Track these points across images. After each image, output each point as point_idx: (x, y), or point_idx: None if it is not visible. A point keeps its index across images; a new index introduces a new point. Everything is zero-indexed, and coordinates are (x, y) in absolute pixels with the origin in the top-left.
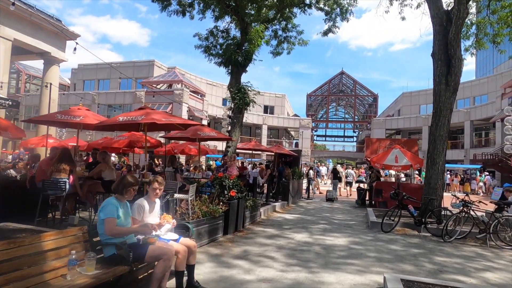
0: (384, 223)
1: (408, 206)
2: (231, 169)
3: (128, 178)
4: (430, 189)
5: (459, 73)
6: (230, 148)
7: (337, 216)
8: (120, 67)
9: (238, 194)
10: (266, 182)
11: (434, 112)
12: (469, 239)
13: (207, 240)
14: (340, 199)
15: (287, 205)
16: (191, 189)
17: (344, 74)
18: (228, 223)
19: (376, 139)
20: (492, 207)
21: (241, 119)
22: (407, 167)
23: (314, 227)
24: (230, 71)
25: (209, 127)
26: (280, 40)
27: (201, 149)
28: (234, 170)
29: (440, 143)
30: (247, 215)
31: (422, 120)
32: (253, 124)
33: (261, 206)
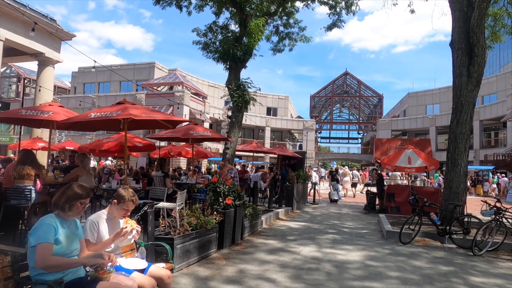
0: (402, 233)
1: (430, 214)
2: (224, 176)
3: (75, 187)
4: (452, 193)
5: (482, 63)
6: (229, 150)
7: (347, 224)
8: (121, 69)
9: (235, 202)
10: (268, 186)
11: (454, 108)
12: (502, 252)
13: (197, 258)
14: (348, 203)
15: (291, 211)
16: (179, 197)
17: (348, 74)
18: (223, 235)
19: (386, 139)
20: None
21: (241, 118)
22: (422, 169)
23: (323, 237)
24: (229, 67)
25: (203, 126)
26: (281, 37)
27: (200, 151)
28: (228, 177)
29: (461, 142)
30: (246, 225)
31: (428, 121)
32: (256, 126)
33: (263, 213)
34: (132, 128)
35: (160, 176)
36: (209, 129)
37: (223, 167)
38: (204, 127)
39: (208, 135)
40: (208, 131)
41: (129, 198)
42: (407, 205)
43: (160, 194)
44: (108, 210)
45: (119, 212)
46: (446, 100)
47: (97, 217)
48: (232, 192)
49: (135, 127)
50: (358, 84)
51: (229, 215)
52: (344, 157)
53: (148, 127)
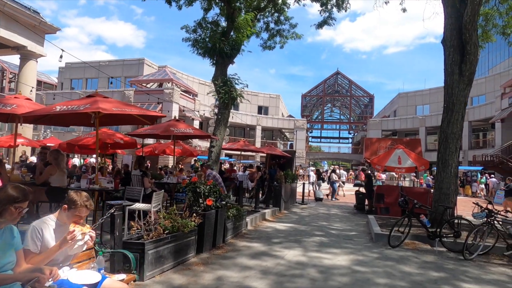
0: (391, 236)
1: (420, 216)
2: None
3: (9, 189)
4: (442, 194)
5: (475, 61)
6: (214, 148)
7: (335, 225)
8: (109, 65)
9: (217, 203)
10: (255, 186)
11: (445, 107)
12: (493, 255)
13: (172, 263)
14: (337, 203)
15: (279, 211)
16: (155, 198)
17: (339, 74)
18: (203, 238)
19: (376, 138)
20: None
21: (227, 115)
22: (412, 169)
23: (309, 240)
24: (215, 62)
25: (185, 123)
26: (272, 33)
27: (186, 149)
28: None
29: (452, 142)
30: (229, 227)
31: (418, 121)
32: (246, 125)
33: (248, 214)
34: (106, 123)
35: (138, 175)
36: (191, 126)
37: (200, 177)
38: (186, 124)
39: (190, 132)
40: (191, 128)
41: (82, 203)
42: (396, 205)
43: (137, 194)
44: (57, 216)
45: (70, 220)
46: (436, 101)
47: (42, 223)
48: (213, 193)
49: (108, 122)
50: (349, 84)
51: (209, 217)
52: (334, 157)
53: (123, 122)
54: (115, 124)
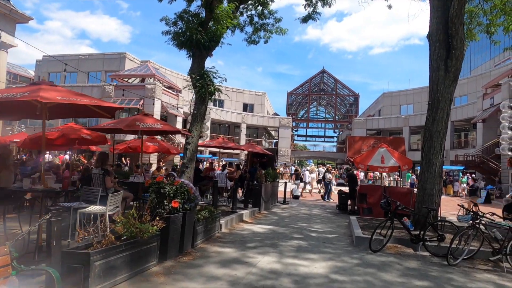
0: (373, 239)
1: (403, 219)
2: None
3: None
4: (426, 195)
5: (461, 57)
6: (190, 145)
7: (315, 227)
8: (89, 59)
9: (185, 205)
10: (233, 185)
11: (430, 104)
12: (477, 260)
13: (127, 275)
14: (320, 203)
15: (258, 212)
16: (110, 199)
17: (325, 72)
18: (167, 244)
19: (359, 137)
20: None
21: (204, 110)
22: (395, 168)
23: (286, 244)
24: (192, 54)
25: (153, 118)
26: (256, 27)
27: (162, 146)
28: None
29: (437, 140)
30: (200, 231)
31: (402, 120)
32: (231, 122)
33: (224, 215)
34: (57, 115)
35: (99, 174)
36: (160, 121)
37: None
38: (154, 119)
39: (158, 127)
40: (159, 123)
41: None
42: (379, 206)
43: (94, 195)
44: None
45: None
46: (420, 101)
47: None
48: (180, 194)
49: (59, 114)
50: (335, 83)
51: (175, 220)
52: (319, 156)
53: (78, 115)
54: (67, 116)
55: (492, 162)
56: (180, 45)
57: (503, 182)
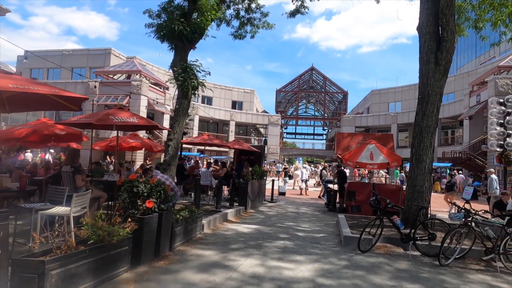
0: (362, 239)
1: (393, 218)
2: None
3: None
4: (415, 192)
5: (451, 49)
6: (172, 142)
7: (303, 226)
8: (73, 55)
9: (162, 205)
10: (218, 184)
11: (420, 98)
12: (469, 260)
13: (92, 283)
14: (307, 201)
15: (244, 211)
16: (75, 199)
17: (314, 70)
18: (141, 248)
19: (347, 133)
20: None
21: (187, 105)
22: (384, 165)
23: (272, 245)
24: (174, 47)
25: (129, 112)
26: (242, 22)
27: (144, 143)
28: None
29: (427, 136)
30: (179, 232)
31: (391, 118)
32: (220, 120)
33: (208, 214)
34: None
35: (68, 172)
36: (137, 115)
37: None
38: (130, 113)
39: (134, 121)
40: (135, 117)
41: None
42: (368, 203)
43: (59, 195)
44: None
45: None
46: (407, 98)
47: None
48: (156, 193)
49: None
50: (324, 80)
51: (149, 222)
52: (309, 153)
53: (41, 107)
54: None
55: (479, 159)
56: (162, 38)
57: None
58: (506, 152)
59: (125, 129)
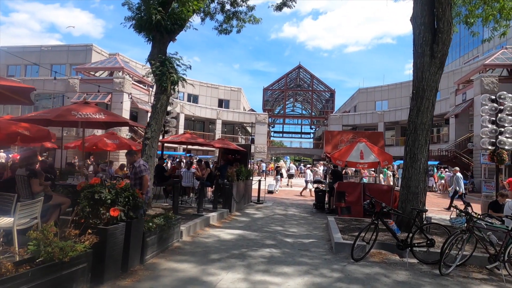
0: (355, 247)
1: (389, 222)
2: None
3: None
4: (410, 194)
5: (447, 41)
6: (149, 141)
7: (291, 230)
8: (52, 51)
9: (130, 212)
10: (200, 185)
11: (414, 93)
12: (471, 267)
13: None
14: (296, 201)
15: (228, 214)
16: (20, 209)
17: (301, 68)
18: (103, 264)
19: (337, 131)
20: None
21: (165, 101)
22: (375, 164)
23: (257, 254)
24: (152, 38)
25: (96, 107)
26: (228, 15)
27: (122, 143)
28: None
29: (422, 133)
30: (151, 242)
31: (378, 116)
32: (206, 118)
33: (189, 219)
34: None
35: (22, 176)
36: (104, 110)
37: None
38: (97, 108)
39: (101, 117)
40: (102, 112)
41: None
42: (358, 205)
43: (6, 204)
44: None
45: None
46: (394, 97)
47: None
48: (124, 199)
49: None
50: (311, 78)
51: (114, 233)
52: (296, 152)
53: None
54: None
55: (465, 157)
56: (139, 29)
57: (475, 176)
58: (498, 150)
59: (94, 126)
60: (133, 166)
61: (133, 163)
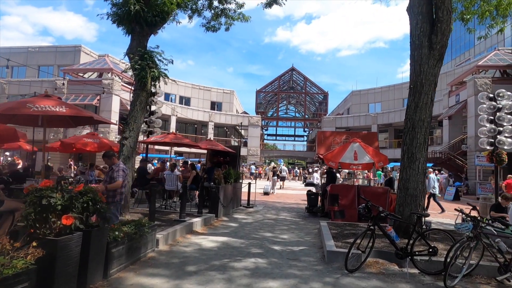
0: (349, 256)
1: (387, 228)
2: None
3: None
4: (408, 196)
5: (447, 31)
6: (127, 140)
7: (281, 237)
8: (39, 52)
9: (88, 220)
10: (183, 189)
11: (412, 89)
12: (477, 278)
13: None
14: (288, 205)
15: (215, 219)
16: None
17: (294, 70)
18: (53, 281)
19: (330, 132)
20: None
21: (145, 98)
22: (370, 165)
23: (240, 265)
24: (131, 31)
25: (58, 100)
26: (216, 12)
27: (103, 143)
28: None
29: (420, 131)
30: (118, 254)
31: (371, 119)
32: (198, 121)
33: (168, 226)
34: None
35: None
36: (66, 103)
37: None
38: (59, 101)
39: (61, 111)
40: (64, 106)
41: None
42: (352, 208)
43: None
44: None
45: None
46: (387, 99)
47: None
48: (81, 204)
49: None
50: (304, 81)
51: (67, 245)
52: (289, 155)
53: None
54: None
55: (458, 159)
56: (118, 21)
57: (469, 178)
58: (497, 150)
59: (59, 124)
60: (112, 169)
61: (112, 166)
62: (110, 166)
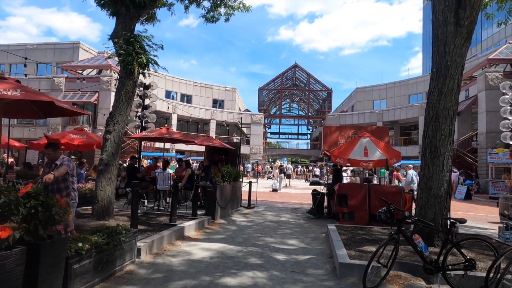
0: (368, 272)
1: (414, 238)
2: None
3: None
4: (431, 197)
5: (477, 5)
6: (111, 134)
7: (284, 243)
8: (37, 49)
9: (42, 230)
10: (173, 189)
11: (434, 72)
12: None
13: None
14: (291, 205)
15: (211, 221)
16: None
17: (297, 67)
18: None
19: (336, 127)
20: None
21: (131, 87)
22: (382, 162)
23: (235, 281)
24: (116, 13)
25: (15, 83)
26: (215, 2)
27: (91, 139)
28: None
29: (446, 121)
30: (82, 270)
31: (376, 116)
32: (200, 119)
33: (155, 231)
34: None
35: None
36: (23, 87)
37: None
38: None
39: (15, 95)
40: (20, 88)
41: None
42: (363, 209)
43: None
44: None
45: None
46: (392, 96)
47: None
48: (28, 210)
49: None
50: (308, 78)
51: (3, 264)
52: (293, 153)
53: None
54: None
55: (469, 156)
56: (103, 3)
57: (480, 176)
58: None
59: (25, 115)
60: (55, 165)
61: (55, 161)
62: (53, 162)
